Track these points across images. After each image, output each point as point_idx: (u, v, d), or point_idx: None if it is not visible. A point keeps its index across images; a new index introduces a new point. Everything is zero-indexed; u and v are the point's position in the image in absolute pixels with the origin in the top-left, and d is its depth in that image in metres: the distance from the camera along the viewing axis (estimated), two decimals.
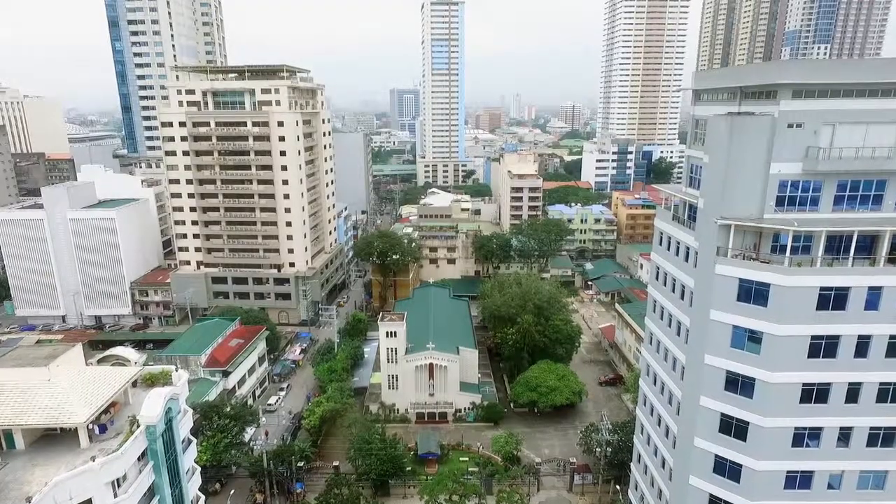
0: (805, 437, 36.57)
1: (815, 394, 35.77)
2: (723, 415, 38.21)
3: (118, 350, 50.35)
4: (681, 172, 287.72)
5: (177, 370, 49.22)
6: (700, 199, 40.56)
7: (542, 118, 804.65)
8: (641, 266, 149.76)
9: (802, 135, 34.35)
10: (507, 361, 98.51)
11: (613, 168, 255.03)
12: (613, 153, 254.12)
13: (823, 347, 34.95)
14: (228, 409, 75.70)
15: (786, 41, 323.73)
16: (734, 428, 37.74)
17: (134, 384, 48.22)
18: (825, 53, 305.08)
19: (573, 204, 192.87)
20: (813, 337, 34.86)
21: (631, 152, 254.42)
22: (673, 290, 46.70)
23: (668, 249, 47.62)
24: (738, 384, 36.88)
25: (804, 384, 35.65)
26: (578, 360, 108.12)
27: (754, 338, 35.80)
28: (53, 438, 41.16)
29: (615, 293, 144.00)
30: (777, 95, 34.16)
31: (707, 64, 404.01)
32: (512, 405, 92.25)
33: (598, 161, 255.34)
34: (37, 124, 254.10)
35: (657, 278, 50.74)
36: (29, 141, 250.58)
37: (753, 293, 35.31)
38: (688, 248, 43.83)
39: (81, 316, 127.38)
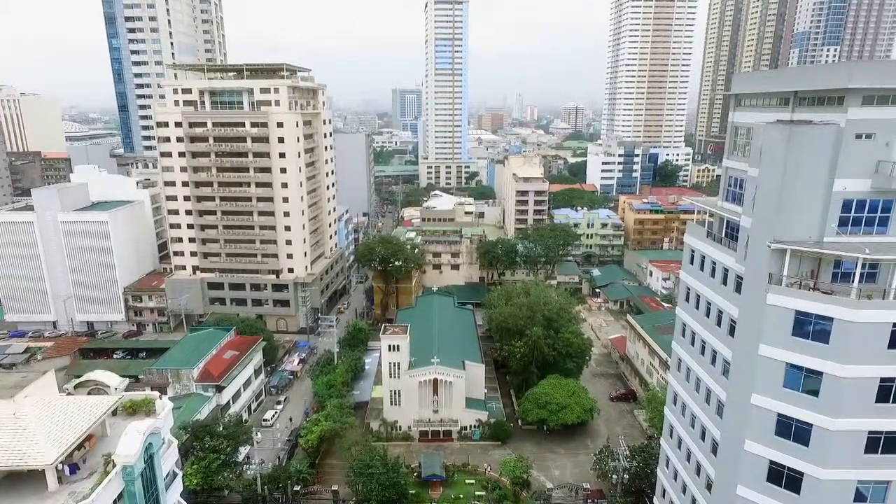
0: (869, 492, 32.18)
1: (882, 443, 31.39)
2: (772, 462, 33.77)
3: (97, 375, 46.10)
4: (686, 175, 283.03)
5: (161, 398, 44.78)
6: (744, 218, 36.21)
7: (545, 119, 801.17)
8: (651, 273, 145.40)
9: (872, 147, 30.02)
10: (515, 376, 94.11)
11: (619, 171, 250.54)
12: (619, 156, 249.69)
13: (895, 391, 30.60)
14: (221, 428, 71.36)
15: (794, 43, 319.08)
16: (785, 478, 33.35)
17: (114, 412, 43.99)
18: (834, 55, 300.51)
19: (579, 208, 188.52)
20: (882, 379, 30.47)
21: (637, 155, 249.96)
22: (707, 315, 42.31)
23: (702, 270, 43.21)
24: (792, 429, 32.49)
25: (870, 432, 31.25)
26: (588, 373, 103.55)
27: (812, 378, 31.41)
28: (19, 479, 36.78)
29: (624, 301, 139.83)
30: (844, 102, 29.85)
31: (713, 66, 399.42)
32: (520, 422, 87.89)
33: (604, 163, 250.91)
34: (33, 122, 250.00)
35: (687, 300, 46.34)
36: (25, 140, 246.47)
37: (813, 328, 30.94)
38: (726, 270, 39.46)
39: (72, 322, 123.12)
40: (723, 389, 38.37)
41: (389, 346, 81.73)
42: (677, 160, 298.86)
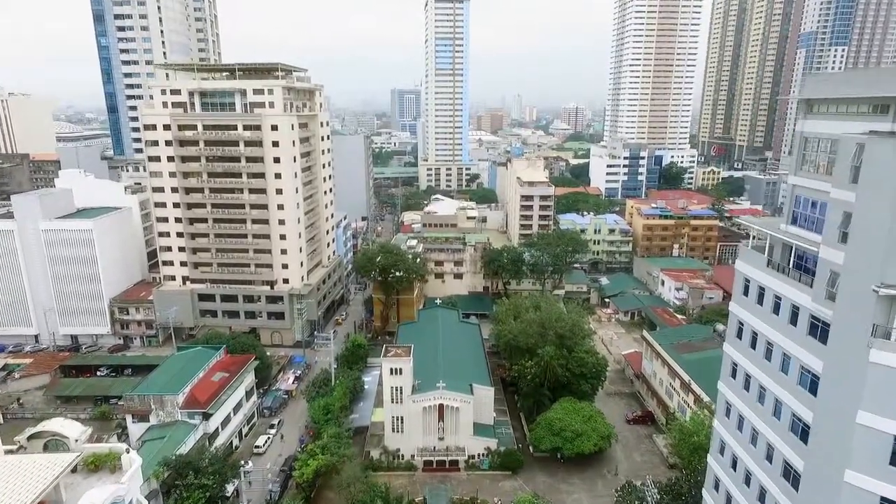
0: None
1: None
2: None
3: (55, 424, 39.62)
4: (691, 178, 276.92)
5: (128, 451, 38.47)
6: (825, 249, 30.00)
7: (544, 119, 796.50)
8: (663, 283, 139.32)
9: None
10: (526, 398, 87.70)
11: (625, 174, 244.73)
12: (625, 158, 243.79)
13: None
14: (206, 462, 64.96)
15: (800, 43, 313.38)
16: None
17: (74, 469, 37.71)
18: (842, 56, 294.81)
19: (585, 213, 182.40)
20: None
21: (643, 157, 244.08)
22: (768, 359, 36.06)
23: (761, 304, 36.96)
24: None
25: None
26: (601, 391, 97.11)
27: None
28: None
29: (635, 312, 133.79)
30: None
31: (716, 66, 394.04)
32: (531, 448, 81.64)
33: (609, 166, 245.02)
34: (23, 123, 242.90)
35: (739, 337, 40.11)
36: (14, 141, 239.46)
37: None
38: (795, 309, 33.25)
39: (54, 336, 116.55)
40: (795, 454, 32.14)
41: (392, 370, 75.41)
42: (682, 162, 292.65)
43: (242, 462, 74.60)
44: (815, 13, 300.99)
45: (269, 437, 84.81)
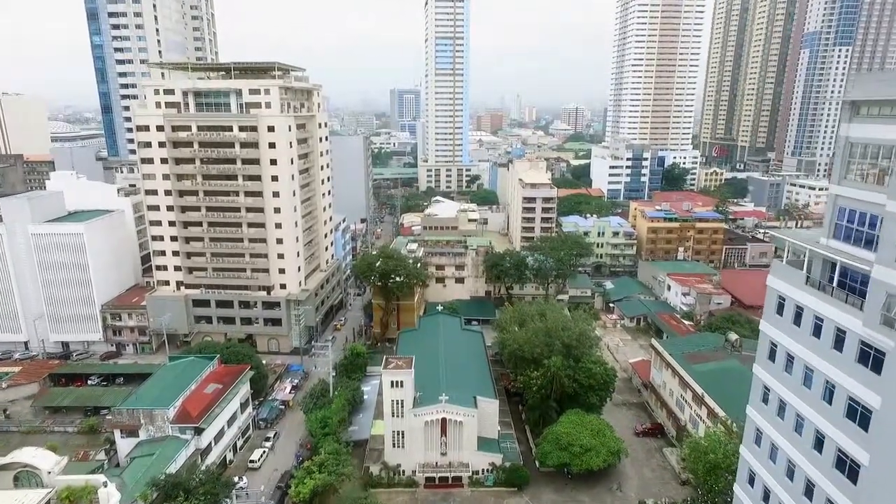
0: None
1: None
2: None
3: (26, 455, 36.11)
4: (694, 179, 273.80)
5: (105, 485, 35.21)
6: (879, 269, 26.85)
7: (543, 119, 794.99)
8: (669, 287, 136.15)
9: None
10: (532, 411, 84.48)
11: (627, 175, 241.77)
12: (627, 159, 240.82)
13: None
14: (196, 481, 61.66)
15: (804, 43, 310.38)
16: None
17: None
18: (846, 56, 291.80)
19: (588, 215, 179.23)
20: None
21: (646, 158, 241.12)
22: (808, 385, 32.88)
23: (798, 325, 33.77)
24: None
25: None
26: (608, 401, 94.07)
27: None
28: None
29: (640, 318, 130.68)
30: None
31: (718, 66, 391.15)
32: (537, 463, 78.42)
33: (612, 167, 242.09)
34: (16, 124, 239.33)
35: (771, 359, 36.94)
36: (8, 141, 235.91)
37: None
38: (840, 332, 30.10)
39: (44, 343, 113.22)
40: (843, 494, 28.96)
41: (392, 383, 72.19)
42: (684, 163, 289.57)
43: (236, 478, 71.52)
44: (818, 13, 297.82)
45: (264, 451, 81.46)
